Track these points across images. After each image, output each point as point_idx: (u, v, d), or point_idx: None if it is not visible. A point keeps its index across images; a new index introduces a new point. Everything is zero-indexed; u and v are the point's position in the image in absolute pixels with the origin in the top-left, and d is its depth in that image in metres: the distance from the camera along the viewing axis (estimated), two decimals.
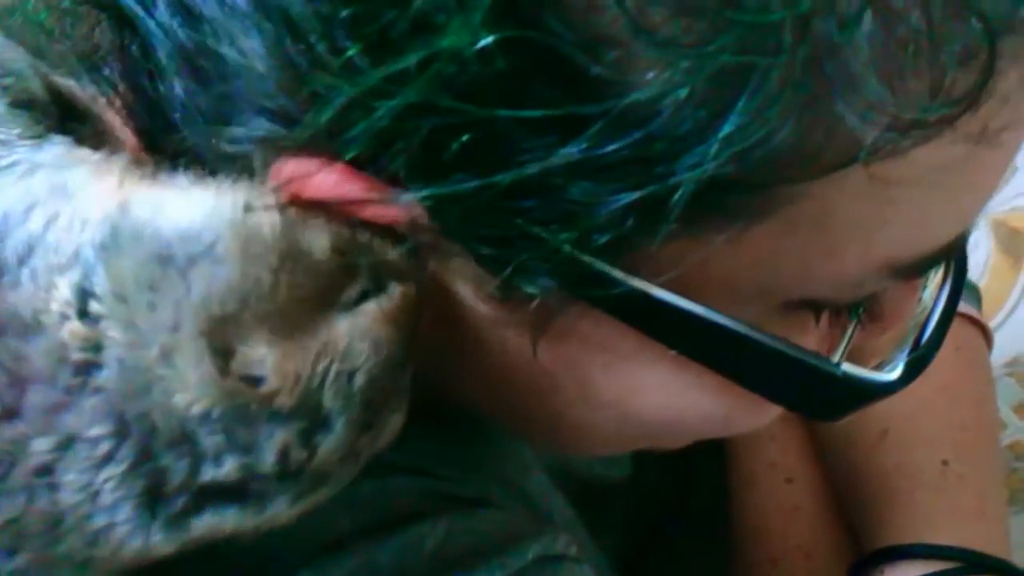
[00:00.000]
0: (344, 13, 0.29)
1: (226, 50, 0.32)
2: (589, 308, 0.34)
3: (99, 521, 0.27)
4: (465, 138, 0.29)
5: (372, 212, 0.32)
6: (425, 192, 0.31)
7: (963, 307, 0.64)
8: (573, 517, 0.55)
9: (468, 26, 0.27)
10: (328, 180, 0.32)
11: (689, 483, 0.71)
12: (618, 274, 0.32)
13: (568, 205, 0.30)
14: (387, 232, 0.33)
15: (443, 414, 0.43)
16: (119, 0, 0.34)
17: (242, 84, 0.32)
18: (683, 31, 0.27)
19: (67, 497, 0.27)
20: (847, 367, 0.35)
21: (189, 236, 0.29)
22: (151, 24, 0.33)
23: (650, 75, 0.28)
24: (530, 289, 0.32)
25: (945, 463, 0.60)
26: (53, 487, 0.27)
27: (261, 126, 0.32)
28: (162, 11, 0.33)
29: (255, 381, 0.28)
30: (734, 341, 0.34)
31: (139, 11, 0.33)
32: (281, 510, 0.29)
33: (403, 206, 0.32)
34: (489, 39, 0.28)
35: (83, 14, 0.36)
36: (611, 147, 0.29)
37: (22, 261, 0.28)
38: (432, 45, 0.28)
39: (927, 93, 0.28)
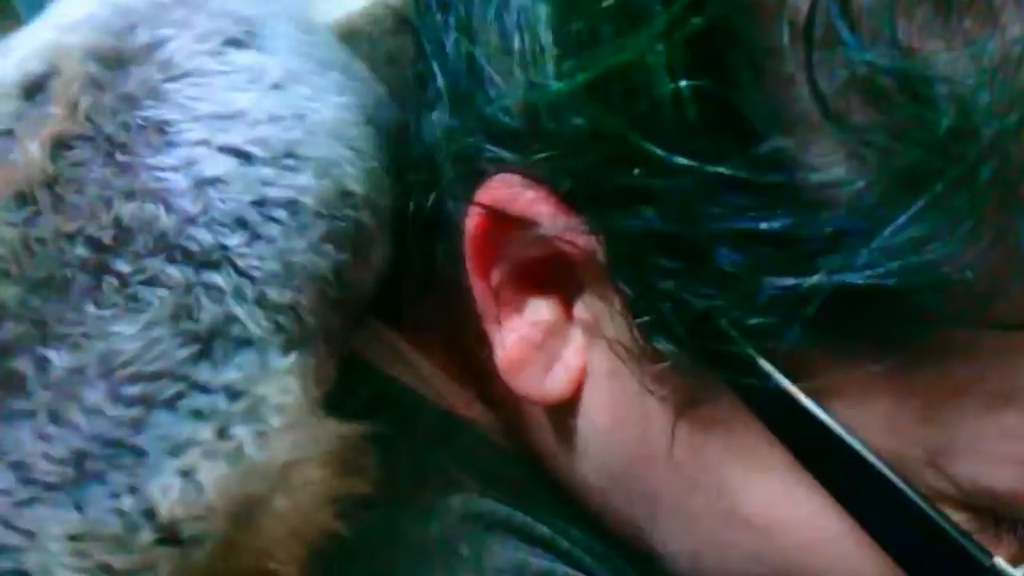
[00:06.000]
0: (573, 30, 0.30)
1: (486, 73, 0.33)
2: (736, 402, 0.32)
3: None
4: (639, 174, 0.29)
5: (554, 234, 0.33)
6: (596, 220, 0.31)
7: None
8: None
9: (666, 59, 0.28)
10: (526, 198, 0.32)
11: None
12: (766, 365, 0.30)
13: (723, 274, 0.29)
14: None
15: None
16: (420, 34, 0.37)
17: (492, 105, 0.33)
18: (874, 123, 0.27)
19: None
20: (1002, 563, 0.31)
21: None
22: (439, 60, 0.35)
23: (830, 160, 0.28)
24: (670, 349, 0.31)
25: None
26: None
27: (485, 146, 0.34)
28: (449, 45, 0.35)
29: None
30: (875, 483, 0.31)
31: (432, 48, 0.36)
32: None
33: (583, 235, 0.32)
34: (685, 84, 0.28)
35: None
36: (772, 223, 0.28)
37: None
38: (630, 57, 0.28)
39: None
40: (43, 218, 0.29)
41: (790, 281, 0.28)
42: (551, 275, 0.35)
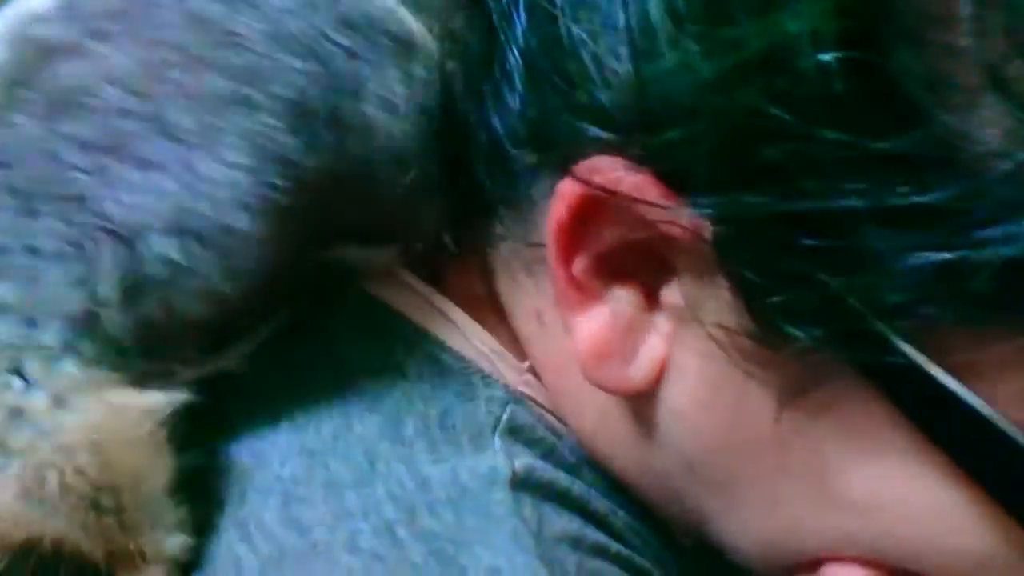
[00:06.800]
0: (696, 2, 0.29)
1: (576, 47, 0.33)
2: (856, 384, 0.32)
3: None
4: (777, 151, 0.29)
5: (660, 218, 0.32)
6: (716, 201, 0.30)
7: None
8: None
9: (814, 25, 0.27)
10: (631, 180, 0.32)
11: None
12: (900, 342, 0.30)
13: (863, 252, 0.29)
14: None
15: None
16: (490, 12, 0.36)
17: (583, 81, 0.33)
18: None
19: None
20: None
21: None
22: (511, 33, 0.35)
23: (992, 129, 0.27)
24: (794, 332, 0.31)
25: None
26: None
27: (580, 127, 0.33)
28: (522, 20, 0.35)
29: None
30: (1011, 455, 0.30)
31: (501, 23, 0.35)
32: None
33: (690, 217, 0.31)
34: (833, 55, 0.27)
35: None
36: (932, 196, 0.28)
37: None
38: (772, 32, 0.28)
39: None
40: None
41: (946, 256, 0.28)
42: (635, 262, 0.34)
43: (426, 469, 0.35)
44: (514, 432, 0.37)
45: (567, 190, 0.33)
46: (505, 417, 0.38)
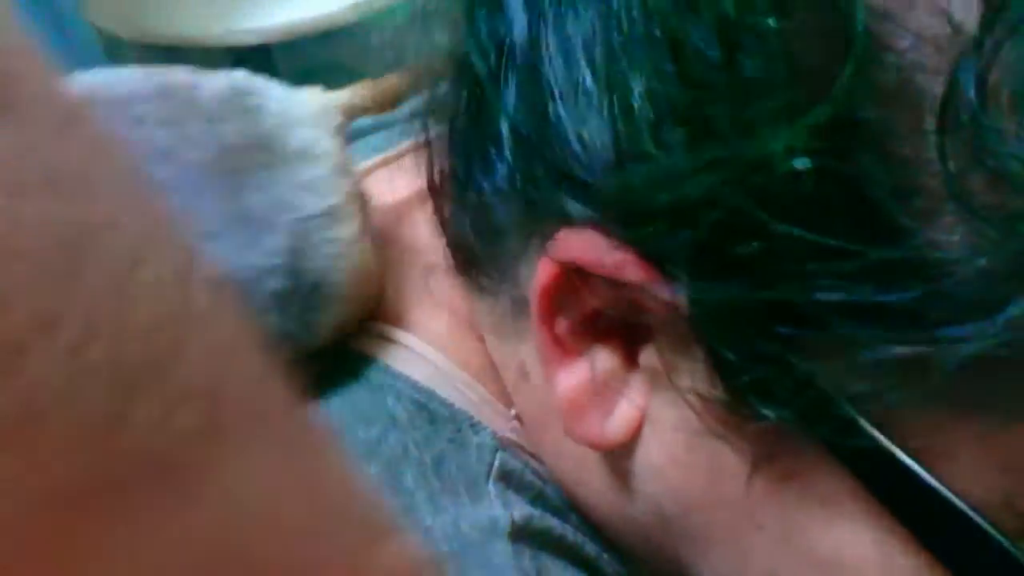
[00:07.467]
0: (676, 99, 0.30)
1: (562, 125, 0.33)
2: (820, 454, 0.33)
3: None
4: (752, 246, 0.29)
5: (640, 295, 0.33)
6: (693, 286, 0.31)
7: None
8: None
9: (789, 142, 0.28)
10: (612, 259, 0.32)
11: None
12: (865, 425, 0.31)
13: (831, 341, 0.30)
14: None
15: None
16: (478, 74, 0.36)
17: (567, 159, 0.33)
18: (998, 202, 0.27)
19: None
20: None
21: None
22: (501, 102, 0.35)
23: (953, 236, 0.28)
24: (764, 411, 0.32)
25: None
26: None
27: (565, 201, 0.34)
28: (512, 90, 0.35)
29: None
30: (963, 527, 0.31)
31: (490, 85, 0.36)
32: None
33: (669, 295, 0.32)
34: (806, 163, 0.28)
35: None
36: (894, 295, 0.29)
37: None
38: (746, 148, 0.29)
39: None
40: None
41: (906, 350, 0.29)
42: (615, 324, 0.35)
43: (428, 520, 0.36)
44: (505, 478, 0.38)
45: (550, 260, 0.34)
46: (496, 465, 0.39)
